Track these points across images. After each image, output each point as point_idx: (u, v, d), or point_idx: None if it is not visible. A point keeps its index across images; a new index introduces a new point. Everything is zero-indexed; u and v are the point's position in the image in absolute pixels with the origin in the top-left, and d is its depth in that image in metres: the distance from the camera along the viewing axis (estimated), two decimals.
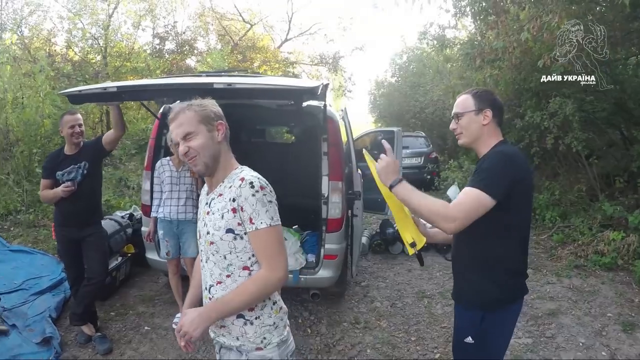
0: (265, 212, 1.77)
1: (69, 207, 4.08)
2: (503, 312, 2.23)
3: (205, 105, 1.90)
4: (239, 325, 1.88)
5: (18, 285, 5.24)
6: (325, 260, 4.37)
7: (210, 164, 1.86)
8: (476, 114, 2.21)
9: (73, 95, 3.70)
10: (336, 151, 4.37)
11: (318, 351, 4.13)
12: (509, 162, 2.08)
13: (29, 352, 3.95)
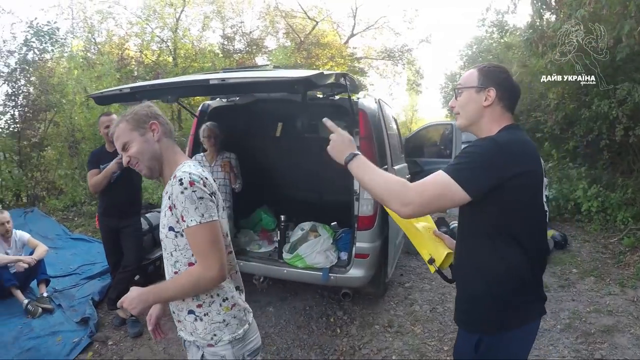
0: (195, 210, 1.71)
1: (110, 199, 4.46)
2: (505, 338, 1.83)
3: (136, 111, 1.92)
4: (190, 320, 1.88)
5: (73, 270, 5.96)
6: (356, 259, 4.19)
7: (153, 165, 1.89)
8: (477, 92, 1.85)
9: (97, 97, 3.82)
10: (368, 145, 4.16)
11: (342, 352, 3.98)
12: (498, 152, 1.67)
13: (68, 329, 4.39)
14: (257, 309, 4.78)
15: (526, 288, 1.81)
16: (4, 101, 9.95)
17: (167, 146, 1.92)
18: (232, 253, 1.99)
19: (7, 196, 9.84)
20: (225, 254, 1.81)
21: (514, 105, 1.89)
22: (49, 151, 10.91)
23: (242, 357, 1.89)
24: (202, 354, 1.90)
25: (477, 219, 1.80)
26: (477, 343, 1.84)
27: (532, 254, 1.77)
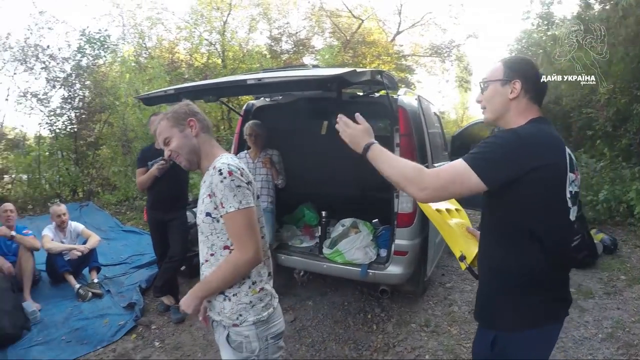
0: (233, 197, 1.84)
1: (157, 194, 4.68)
2: (521, 338, 1.80)
3: (175, 109, 2.09)
4: (220, 300, 1.99)
5: (123, 259, 6.37)
6: (394, 256, 4.19)
7: (191, 158, 2.05)
8: (502, 85, 1.82)
9: (145, 98, 4.09)
10: (408, 142, 4.18)
11: (375, 349, 3.99)
12: (518, 144, 1.66)
13: (114, 313, 4.70)
14: (296, 302, 4.90)
15: (543, 287, 1.78)
16: (61, 104, 10.60)
17: (204, 140, 2.07)
18: (264, 238, 2.08)
19: (65, 191, 10.43)
20: (260, 238, 1.93)
21: (541, 98, 1.87)
22: (104, 150, 11.54)
23: (265, 339, 1.99)
24: (228, 334, 2.00)
25: (496, 214, 1.81)
26: (493, 341, 1.83)
27: (551, 252, 1.74)
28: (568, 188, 1.74)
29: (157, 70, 11.31)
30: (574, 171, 1.78)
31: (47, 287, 5.31)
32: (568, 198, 1.75)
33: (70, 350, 3.96)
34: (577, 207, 1.82)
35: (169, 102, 3.98)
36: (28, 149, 10.52)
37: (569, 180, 1.74)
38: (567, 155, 1.76)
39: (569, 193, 1.75)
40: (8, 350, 3.86)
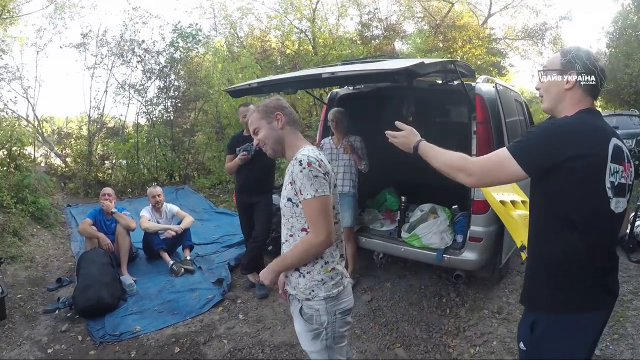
0: (310, 185, 2.03)
1: (244, 178, 5.02)
2: (559, 323, 1.85)
3: (266, 103, 2.31)
4: (295, 277, 2.20)
5: (215, 239, 6.83)
6: (469, 242, 4.23)
7: (276, 148, 2.27)
8: (559, 75, 1.84)
9: (232, 91, 4.41)
10: (484, 129, 4.17)
11: (445, 332, 4.05)
12: (555, 132, 1.73)
13: (204, 287, 5.11)
14: (375, 283, 5.05)
15: (583, 275, 1.80)
16: (157, 94, 11.37)
17: (289, 133, 2.26)
18: (338, 223, 2.25)
19: (162, 175, 11.22)
20: (332, 223, 2.09)
21: (596, 90, 1.86)
22: (199, 136, 12.21)
23: (334, 313, 2.17)
24: (301, 307, 2.21)
25: (538, 202, 1.87)
26: (532, 324, 1.89)
27: (591, 241, 1.77)
28: (609, 178, 1.74)
29: (247, 60, 11.77)
30: (620, 162, 1.79)
31: (144, 263, 5.84)
32: (608, 188, 1.74)
33: (162, 319, 4.36)
34: (625, 198, 1.83)
35: (252, 94, 4.25)
36: (127, 137, 11.30)
37: (609, 171, 1.74)
38: (613, 146, 1.76)
39: (609, 183, 1.74)
40: (106, 318, 4.30)
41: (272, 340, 3.91)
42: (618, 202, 1.79)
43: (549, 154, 1.70)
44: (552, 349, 1.86)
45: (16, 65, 10.60)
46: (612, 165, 1.75)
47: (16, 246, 5.96)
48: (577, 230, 1.75)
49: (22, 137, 7.91)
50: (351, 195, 4.82)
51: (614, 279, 1.93)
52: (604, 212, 1.77)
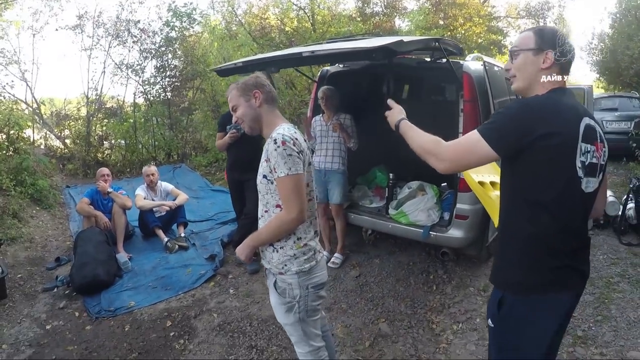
0: (284, 164, 2.09)
1: (235, 156, 5.13)
2: (527, 302, 1.85)
3: (245, 81, 2.35)
4: (269, 251, 2.30)
5: (210, 216, 6.96)
6: (455, 220, 4.30)
7: (253, 125, 2.34)
8: (534, 54, 1.82)
9: (219, 70, 4.47)
10: (472, 107, 4.19)
11: (430, 308, 4.14)
12: (525, 110, 1.73)
13: (197, 263, 5.25)
14: (364, 259, 5.16)
15: (552, 255, 1.80)
16: (154, 74, 11.36)
17: (267, 111, 2.32)
18: (312, 200, 2.34)
19: (160, 155, 11.32)
20: (305, 201, 2.17)
21: (569, 68, 1.87)
22: (197, 114, 12.29)
23: (306, 287, 2.27)
24: (275, 280, 2.31)
25: (510, 182, 1.87)
26: (500, 300, 1.90)
27: (562, 222, 1.77)
28: (579, 158, 1.74)
29: (244, 38, 11.74)
30: (592, 142, 1.79)
31: (140, 241, 5.97)
32: (579, 168, 1.74)
33: (155, 294, 4.49)
34: (596, 178, 1.83)
35: (239, 73, 4.30)
36: (125, 117, 11.33)
37: (580, 150, 1.74)
38: (584, 125, 1.76)
39: (579, 163, 1.74)
40: (102, 295, 4.44)
41: (260, 314, 4.03)
42: (589, 182, 1.80)
43: (519, 133, 1.69)
44: (519, 328, 1.88)
45: (13, 49, 10.61)
46: (583, 145, 1.75)
47: (16, 228, 6.07)
48: (547, 211, 1.76)
49: (20, 121, 7.97)
50: (340, 172, 4.89)
51: (584, 259, 1.93)
52: (574, 192, 1.77)
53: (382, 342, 3.64)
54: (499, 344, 2.00)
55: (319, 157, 4.93)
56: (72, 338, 3.79)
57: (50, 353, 3.58)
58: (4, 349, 3.63)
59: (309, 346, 2.41)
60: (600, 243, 5.52)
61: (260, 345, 3.63)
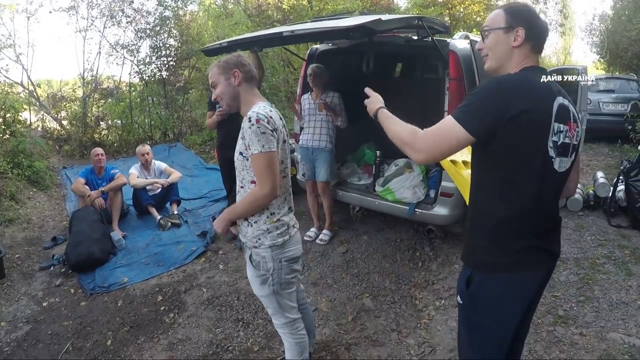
0: (257, 141, 2.16)
1: (224, 133, 5.16)
2: (495, 279, 1.85)
3: (226, 60, 2.39)
4: (245, 225, 2.40)
5: (204, 194, 7.09)
6: (440, 198, 4.37)
7: (231, 103, 2.39)
8: (505, 33, 1.79)
9: (205, 50, 4.61)
10: (457, 85, 4.22)
11: (415, 284, 4.23)
12: (498, 89, 1.66)
13: (189, 240, 5.39)
14: (353, 236, 5.26)
15: (523, 237, 1.79)
16: (149, 54, 11.36)
17: (245, 89, 2.37)
18: (286, 177, 2.43)
19: (156, 134, 11.40)
20: (278, 177, 2.26)
21: (541, 45, 1.85)
22: (193, 93, 12.29)
23: (280, 261, 2.38)
24: (250, 254, 2.43)
25: (482, 160, 1.82)
26: (469, 278, 1.90)
27: (532, 200, 1.76)
28: (552, 137, 1.72)
29: (239, 16, 11.71)
30: (566, 122, 1.77)
31: (134, 219, 6.09)
32: (550, 147, 1.72)
33: (148, 271, 4.63)
34: (569, 158, 1.82)
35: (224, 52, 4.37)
36: (121, 97, 11.39)
37: (553, 130, 1.72)
38: (557, 104, 1.74)
39: (551, 143, 1.72)
40: (96, 272, 4.57)
41: (247, 288, 4.10)
42: (562, 162, 1.78)
43: (494, 114, 1.64)
44: (487, 306, 1.89)
45: (8, 33, 10.58)
46: (556, 125, 1.73)
47: (13, 209, 6.20)
48: (518, 190, 1.75)
49: (16, 104, 8.04)
50: (327, 150, 4.94)
51: (555, 239, 1.94)
52: (545, 172, 1.75)
53: (365, 316, 3.75)
54: (467, 320, 2.01)
55: (306, 135, 5.00)
56: (68, 314, 3.91)
57: (46, 329, 3.71)
58: (3, 326, 3.76)
59: (285, 318, 2.54)
60: (589, 224, 5.56)
61: (247, 318, 3.75)
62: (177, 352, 3.36)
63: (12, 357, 3.38)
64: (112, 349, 3.42)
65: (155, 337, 3.56)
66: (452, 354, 3.22)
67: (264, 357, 3.26)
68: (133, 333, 3.62)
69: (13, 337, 3.62)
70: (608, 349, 3.22)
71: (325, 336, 3.49)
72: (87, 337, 3.58)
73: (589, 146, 10.15)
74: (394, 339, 3.44)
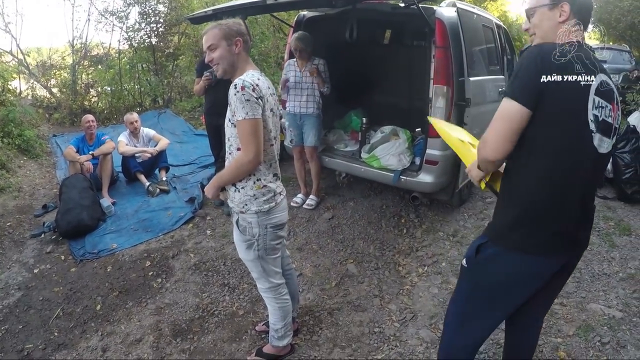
0: (242, 108, 2.19)
1: (211, 99, 5.19)
2: (506, 256, 1.84)
3: (229, 25, 2.38)
4: (232, 191, 2.47)
5: (192, 160, 7.13)
6: (425, 165, 4.38)
7: (228, 70, 2.40)
8: (550, 9, 1.77)
9: (191, 18, 4.68)
10: (444, 54, 4.19)
11: (399, 251, 4.31)
12: (538, 57, 1.65)
13: (177, 206, 5.48)
14: (339, 202, 5.33)
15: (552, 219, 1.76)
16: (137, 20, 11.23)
17: (242, 58, 2.40)
18: (273, 146, 2.46)
19: (146, 100, 11.40)
20: (262, 144, 2.29)
21: (587, 19, 1.81)
22: (182, 59, 12.19)
23: (266, 227, 2.46)
24: (237, 219, 2.50)
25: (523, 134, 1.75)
26: (480, 245, 1.89)
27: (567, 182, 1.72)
28: (592, 111, 1.67)
29: None
30: (609, 100, 1.73)
31: (123, 186, 6.16)
32: (591, 120, 1.67)
33: (137, 236, 4.72)
34: (610, 140, 1.75)
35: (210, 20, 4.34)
36: (110, 64, 11.31)
37: (593, 103, 1.67)
38: (600, 80, 1.69)
39: (592, 116, 1.67)
40: (86, 238, 4.66)
41: (234, 253, 4.18)
42: (602, 141, 1.72)
43: (537, 82, 1.62)
44: (492, 279, 1.90)
45: None
46: (597, 99, 1.68)
47: (4, 178, 6.24)
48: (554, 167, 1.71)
49: (5, 74, 7.99)
50: (315, 116, 4.96)
51: (584, 228, 1.91)
52: (585, 146, 1.70)
53: (348, 282, 3.84)
54: (466, 287, 2.05)
55: (293, 102, 5.01)
56: (58, 280, 4.00)
57: (37, 295, 3.80)
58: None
59: (269, 282, 2.63)
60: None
61: (232, 283, 3.85)
62: (164, 316, 3.45)
63: (4, 323, 3.46)
64: (101, 314, 3.51)
65: (144, 302, 3.65)
66: (433, 320, 3.31)
67: (248, 321, 3.35)
68: (122, 298, 3.71)
69: (5, 303, 3.70)
70: (587, 319, 3.29)
71: (308, 301, 3.58)
72: (77, 302, 3.67)
73: None
74: (376, 304, 3.53)
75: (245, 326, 3.30)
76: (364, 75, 5.91)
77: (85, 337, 3.27)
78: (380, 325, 3.29)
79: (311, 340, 3.14)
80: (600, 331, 3.15)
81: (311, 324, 3.30)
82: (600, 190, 5.62)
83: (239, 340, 3.16)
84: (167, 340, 3.19)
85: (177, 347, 3.12)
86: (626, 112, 8.33)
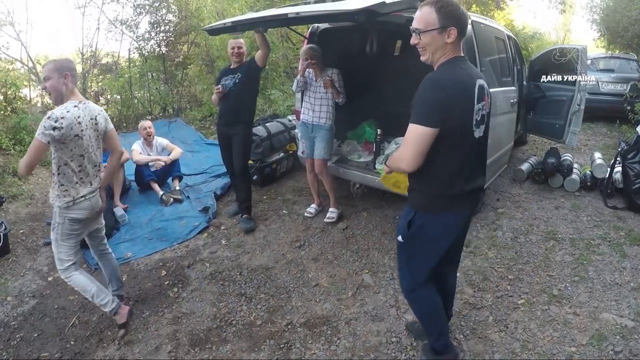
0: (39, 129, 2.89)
1: (221, 110, 5.18)
2: (431, 217, 2.38)
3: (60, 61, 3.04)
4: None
5: (204, 169, 7.13)
6: None
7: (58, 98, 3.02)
8: (440, 33, 2.14)
9: (209, 29, 4.67)
10: None
11: None
12: (438, 89, 2.10)
13: (191, 215, 5.49)
14: (353, 212, 5.34)
15: (457, 186, 2.29)
16: (148, 30, 11.31)
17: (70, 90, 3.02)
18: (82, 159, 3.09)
19: (156, 109, 11.37)
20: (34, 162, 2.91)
21: (465, 34, 2.20)
22: (192, 68, 12.26)
23: (64, 219, 3.09)
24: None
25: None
26: (410, 221, 2.41)
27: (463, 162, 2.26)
28: (475, 117, 2.22)
29: None
30: (483, 99, 2.28)
31: (136, 195, 6.16)
32: (473, 124, 2.23)
33: (151, 245, 4.73)
34: (484, 125, 2.35)
35: (228, 32, 4.38)
36: (120, 72, 11.35)
37: (475, 110, 2.21)
38: (477, 88, 2.21)
39: (474, 121, 2.23)
40: None
41: (250, 263, 4.25)
42: (479, 130, 2.30)
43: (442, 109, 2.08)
44: (424, 239, 2.44)
45: (7, 10, 10.53)
46: (477, 106, 2.22)
47: (16, 185, 6.29)
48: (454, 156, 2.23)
49: (16, 81, 8.06)
50: (327, 128, 4.93)
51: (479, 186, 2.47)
52: (470, 141, 2.26)
53: (365, 292, 3.82)
54: (405, 254, 2.59)
55: (306, 112, 5.01)
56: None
57: (52, 303, 3.81)
58: (9, 301, 3.85)
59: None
60: (585, 205, 5.60)
61: (249, 292, 3.85)
62: (181, 326, 3.45)
63: (19, 330, 3.46)
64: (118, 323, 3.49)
65: (160, 311, 3.65)
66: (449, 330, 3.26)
67: (266, 331, 3.35)
68: (138, 307, 3.71)
69: (19, 311, 3.70)
70: (600, 328, 3.28)
71: (326, 311, 3.57)
72: (93, 311, 3.66)
73: (588, 125, 10.18)
74: (393, 314, 3.52)
75: (264, 336, 3.30)
76: (377, 86, 5.94)
77: (102, 346, 3.27)
78: (397, 335, 3.28)
79: (329, 350, 3.14)
80: (613, 340, 3.15)
81: (329, 334, 3.30)
82: (611, 200, 5.64)
83: (258, 350, 3.16)
84: (185, 350, 3.18)
85: (196, 357, 3.12)
86: (634, 122, 8.35)
